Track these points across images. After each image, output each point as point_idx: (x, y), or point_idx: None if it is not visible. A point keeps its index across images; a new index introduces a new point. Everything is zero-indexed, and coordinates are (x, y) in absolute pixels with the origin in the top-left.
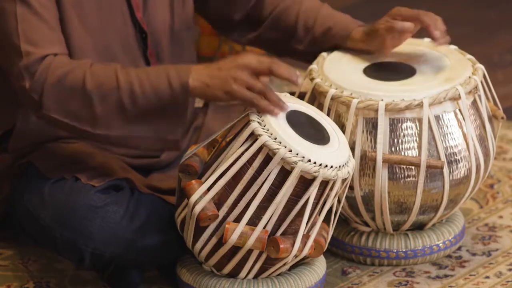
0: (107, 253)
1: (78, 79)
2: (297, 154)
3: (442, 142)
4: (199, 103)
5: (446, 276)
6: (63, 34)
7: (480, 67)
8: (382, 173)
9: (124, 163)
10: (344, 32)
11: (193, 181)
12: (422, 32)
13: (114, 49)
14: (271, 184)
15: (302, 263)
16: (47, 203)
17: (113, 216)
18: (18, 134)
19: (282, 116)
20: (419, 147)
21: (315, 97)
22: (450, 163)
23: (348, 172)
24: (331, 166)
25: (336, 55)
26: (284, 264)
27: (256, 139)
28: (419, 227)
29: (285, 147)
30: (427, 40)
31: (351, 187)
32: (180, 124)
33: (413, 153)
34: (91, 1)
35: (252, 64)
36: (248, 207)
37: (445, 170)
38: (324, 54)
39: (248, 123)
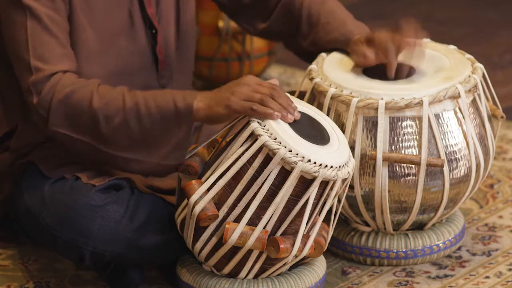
0: (107, 252)
1: (85, 97)
2: (297, 154)
3: (442, 141)
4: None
5: (446, 276)
6: (74, 38)
7: (480, 66)
8: (382, 172)
9: None
10: (344, 38)
11: (193, 181)
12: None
13: (122, 50)
14: (271, 184)
15: (302, 263)
16: (47, 202)
17: (113, 215)
18: (20, 134)
19: None
20: (419, 146)
21: (315, 97)
22: (450, 161)
23: (348, 172)
24: (331, 166)
25: (336, 55)
26: (284, 264)
27: (256, 139)
28: (419, 227)
29: (285, 147)
30: (426, 40)
31: (351, 186)
32: (181, 148)
33: (413, 151)
34: (99, 3)
35: (252, 84)
36: (248, 207)
37: (445, 169)
38: (323, 54)
39: (248, 123)
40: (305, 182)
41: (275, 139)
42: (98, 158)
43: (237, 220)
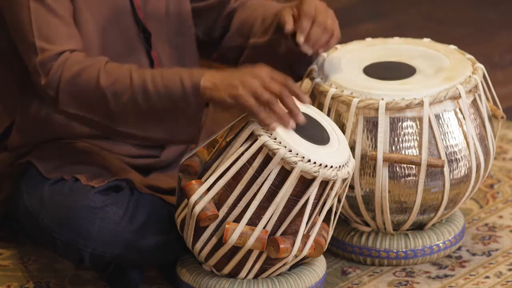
0: (106, 253)
1: (92, 76)
2: (297, 154)
3: (443, 141)
4: None
5: (446, 276)
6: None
7: (480, 66)
8: (382, 172)
9: (124, 163)
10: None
11: (193, 181)
12: (423, 32)
13: (119, 50)
14: (271, 184)
15: (302, 263)
16: (46, 204)
17: (112, 217)
18: (17, 130)
19: None
20: (420, 146)
21: (315, 97)
22: (450, 162)
23: (348, 172)
24: (331, 166)
25: (336, 55)
26: (284, 264)
27: (256, 139)
28: (419, 227)
29: (285, 147)
30: (426, 40)
31: (352, 187)
32: (192, 124)
33: (414, 152)
34: (101, 1)
35: (264, 78)
36: (248, 207)
37: (446, 169)
38: (324, 54)
39: (248, 123)
40: (305, 182)
41: (275, 139)
42: (111, 134)
43: (237, 220)
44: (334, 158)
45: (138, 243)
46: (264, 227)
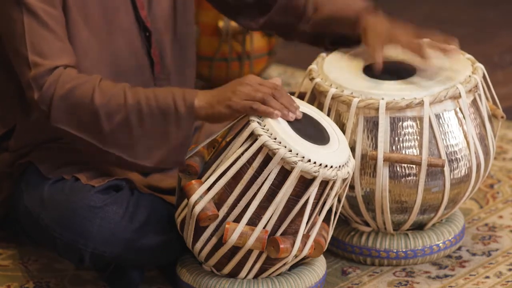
0: (106, 253)
1: (86, 93)
2: (297, 154)
3: (443, 141)
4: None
5: (446, 276)
6: (69, 36)
7: (480, 66)
8: (383, 172)
9: None
10: (352, 18)
11: (193, 181)
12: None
13: (118, 49)
14: (271, 184)
15: (302, 263)
16: (46, 203)
17: (112, 216)
18: (19, 133)
19: None
20: (420, 146)
21: (315, 97)
22: (450, 161)
23: (348, 172)
24: (331, 166)
25: (336, 55)
26: (284, 264)
27: (256, 139)
28: (419, 227)
29: (285, 147)
30: (426, 40)
31: (352, 186)
32: (180, 151)
33: (414, 151)
34: (95, 2)
35: (253, 84)
36: (248, 207)
37: (446, 169)
38: (323, 54)
39: (248, 123)
40: (305, 182)
41: (275, 139)
42: (98, 155)
43: (237, 220)
44: (334, 158)
45: (138, 243)
46: (264, 227)
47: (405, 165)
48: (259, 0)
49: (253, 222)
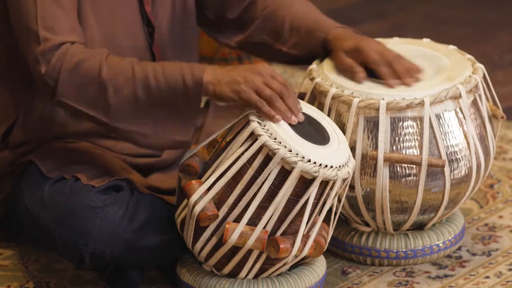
0: (106, 253)
1: (94, 67)
2: (297, 154)
3: (443, 141)
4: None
5: (446, 276)
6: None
7: (480, 66)
8: (383, 172)
9: (124, 163)
10: (322, 35)
11: (193, 181)
12: (423, 32)
13: (121, 42)
14: (271, 184)
15: (302, 263)
16: (47, 203)
17: (113, 216)
18: (19, 128)
19: None
20: (420, 146)
21: (316, 97)
22: (451, 162)
23: (348, 172)
24: (331, 166)
25: None
26: (284, 264)
27: (256, 139)
28: (419, 227)
29: (285, 147)
30: (426, 40)
31: (352, 187)
32: (191, 123)
33: (414, 152)
34: None
35: (265, 75)
36: (248, 207)
37: (446, 169)
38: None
39: (248, 123)
40: (305, 182)
41: (275, 139)
42: (103, 131)
43: (237, 220)
44: (334, 158)
45: (138, 243)
46: (264, 227)
47: (405, 165)
48: (240, 17)
49: (253, 222)
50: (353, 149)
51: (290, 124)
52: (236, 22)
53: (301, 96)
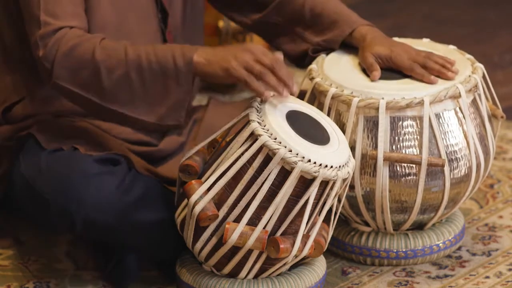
0: (99, 221)
1: (88, 50)
2: (297, 154)
3: (443, 140)
4: (200, 102)
5: (446, 276)
6: (91, 11)
7: (480, 66)
8: (383, 172)
9: (126, 149)
10: (348, 29)
11: (193, 181)
12: (422, 32)
13: (134, 27)
14: (271, 184)
15: (302, 263)
16: (43, 170)
17: (107, 185)
18: (22, 105)
19: (282, 116)
20: (420, 145)
21: (315, 97)
22: (450, 161)
23: (348, 172)
24: (331, 166)
25: (336, 54)
26: (284, 264)
27: (256, 139)
28: (419, 227)
29: (285, 147)
30: (426, 40)
31: (352, 186)
32: (180, 107)
33: (414, 151)
34: None
35: (256, 53)
36: (248, 207)
37: (446, 169)
38: (323, 54)
39: (248, 123)
40: (305, 182)
41: (275, 139)
42: (99, 114)
43: (237, 220)
44: (334, 158)
45: (132, 217)
46: (264, 227)
47: (405, 164)
48: None
49: (253, 222)
50: (352, 148)
51: (290, 124)
52: (250, 2)
53: (301, 95)
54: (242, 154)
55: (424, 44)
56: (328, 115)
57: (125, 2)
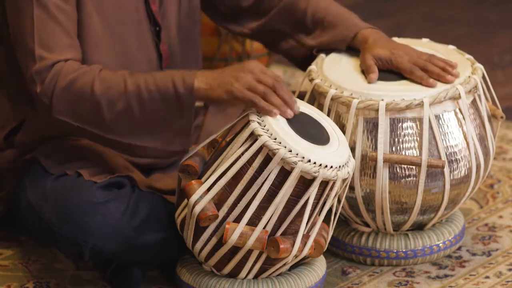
0: (106, 249)
1: (87, 84)
2: (297, 154)
3: (443, 142)
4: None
5: (446, 276)
6: (82, 29)
7: (479, 66)
8: (382, 173)
9: (127, 162)
10: (351, 33)
11: (193, 181)
12: (422, 32)
13: (129, 43)
14: (271, 184)
15: (302, 263)
16: (49, 198)
17: (113, 212)
18: (27, 128)
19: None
20: (420, 147)
21: (315, 98)
22: (450, 162)
23: (348, 172)
24: (331, 166)
25: (335, 56)
26: (284, 264)
27: (256, 139)
28: (419, 227)
29: (285, 147)
30: (425, 40)
31: (352, 187)
32: (184, 133)
33: (414, 152)
34: None
35: (256, 72)
36: (248, 207)
37: (446, 170)
38: (322, 55)
39: (248, 123)
40: (305, 182)
41: (275, 139)
42: (103, 144)
43: (237, 220)
44: (334, 158)
45: (138, 240)
46: (264, 227)
47: (405, 166)
48: (255, 4)
49: (253, 222)
50: (352, 150)
51: (290, 124)
52: (251, 10)
53: (301, 96)
54: (242, 154)
55: (423, 44)
56: (328, 116)
57: (118, 19)
